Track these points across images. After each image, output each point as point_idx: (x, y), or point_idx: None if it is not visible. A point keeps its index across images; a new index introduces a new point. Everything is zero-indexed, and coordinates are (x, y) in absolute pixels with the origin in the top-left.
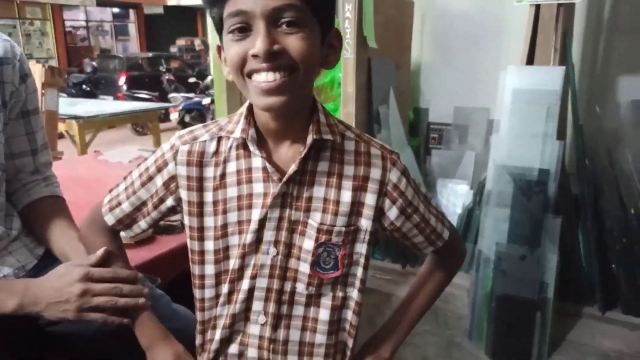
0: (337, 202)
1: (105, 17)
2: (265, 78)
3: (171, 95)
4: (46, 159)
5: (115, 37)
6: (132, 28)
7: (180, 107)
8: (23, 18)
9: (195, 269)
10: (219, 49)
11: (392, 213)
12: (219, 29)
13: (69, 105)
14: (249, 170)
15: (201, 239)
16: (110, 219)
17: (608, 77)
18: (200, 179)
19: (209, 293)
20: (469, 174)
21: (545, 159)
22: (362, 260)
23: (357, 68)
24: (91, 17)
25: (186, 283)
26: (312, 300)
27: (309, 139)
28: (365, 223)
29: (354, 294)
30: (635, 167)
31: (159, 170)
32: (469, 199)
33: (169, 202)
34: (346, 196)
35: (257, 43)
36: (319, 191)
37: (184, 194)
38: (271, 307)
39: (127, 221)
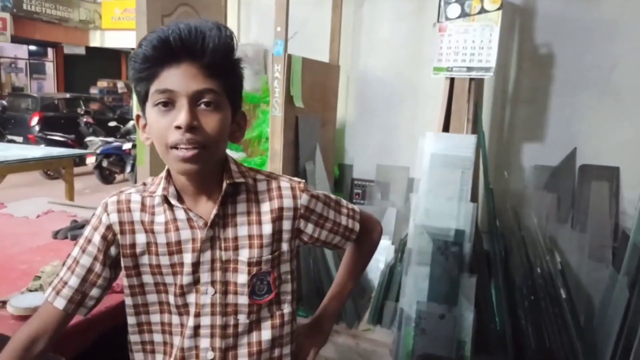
0: (261, 236)
1: (20, 54)
2: (183, 146)
3: (88, 139)
4: None
5: (30, 76)
6: (50, 67)
7: (98, 152)
8: None
9: (137, 300)
10: (138, 117)
11: (309, 229)
12: (143, 101)
13: None
14: (175, 220)
15: (138, 274)
16: (60, 302)
17: (513, 144)
18: (132, 223)
19: (154, 318)
20: (391, 230)
21: (460, 220)
22: (288, 277)
23: (284, 126)
24: (4, 54)
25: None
26: (254, 326)
27: (224, 185)
28: (285, 246)
29: (288, 309)
30: (540, 227)
31: (95, 228)
32: (391, 255)
33: (112, 251)
34: (267, 229)
35: (181, 117)
36: (242, 230)
37: (120, 238)
38: (217, 343)
39: (78, 298)
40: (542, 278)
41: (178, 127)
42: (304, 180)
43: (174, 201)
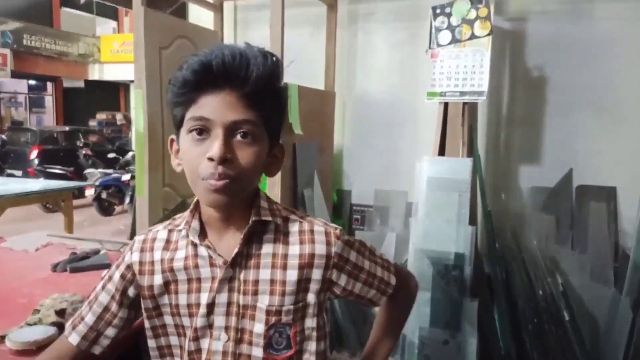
0: (284, 282)
1: (20, 89)
2: (213, 179)
3: (88, 171)
4: None
5: (30, 109)
6: (49, 101)
7: (97, 184)
8: None
9: (161, 341)
10: (172, 141)
11: (342, 280)
12: (178, 125)
13: None
14: (196, 256)
15: (160, 315)
16: (74, 339)
17: (510, 166)
18: (152, 263)
19: None
20: (391, 255)
21: (460, 243)
22: (314, 334)
23: None
24: (4, 89)
25: None
26: None
27: (250, 221)
28: (312, 297)
29: None
30: (540, 249)
31: (118, 266)
32: None
33: (131, 292)
34: (292, 275)
35: (214, 148)
36: (265, 273)
37: (139, 278)
38: None
39: (92, 335)
40: (544, 300)
41: (210, 159)
42: (340, 227)
43: (193, 237)
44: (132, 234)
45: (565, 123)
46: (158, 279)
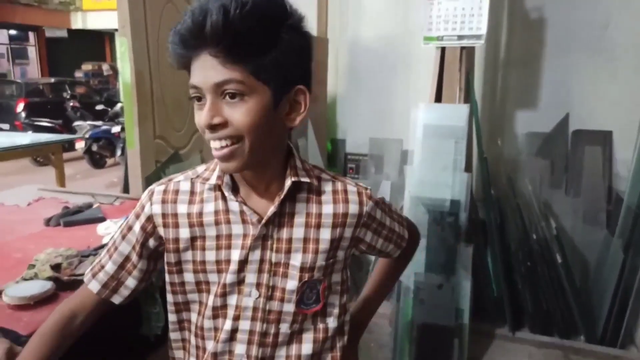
0: (317, 240)
1: (0, 39)
2: (215, 146)
3: (76, 123)
4: None
5: (13, 61)
6: (32, 51)
7: (87, 136)
8: None
9: (178, 298)
10: None
11: (368, 237)
12: None
13: None
14: (227, 211)
15: (180, 271)
16: (94, 286)
17: (506, 112)
18: (176, 215)
19: (193, 317)
20: None
21: (455, 190)
22: (338, 288)
23: None
24: None
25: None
26: (294, 337)
27: (288, 182)
28: (341, 254)
29: (334, 324)
30: (535, 194)
31: (137, 216)
32: None
33: (151, 243)
34: (326, 233)
35: (201, 116)
36: (298, 232)
37: (161, 231)
38: (254, 351)
39: (113, 284)
40: (537, 244)
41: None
42: (369, 187)
43: (228, 194)
44: (125, 187)
45: (562, 65)
46: (185, 233)
